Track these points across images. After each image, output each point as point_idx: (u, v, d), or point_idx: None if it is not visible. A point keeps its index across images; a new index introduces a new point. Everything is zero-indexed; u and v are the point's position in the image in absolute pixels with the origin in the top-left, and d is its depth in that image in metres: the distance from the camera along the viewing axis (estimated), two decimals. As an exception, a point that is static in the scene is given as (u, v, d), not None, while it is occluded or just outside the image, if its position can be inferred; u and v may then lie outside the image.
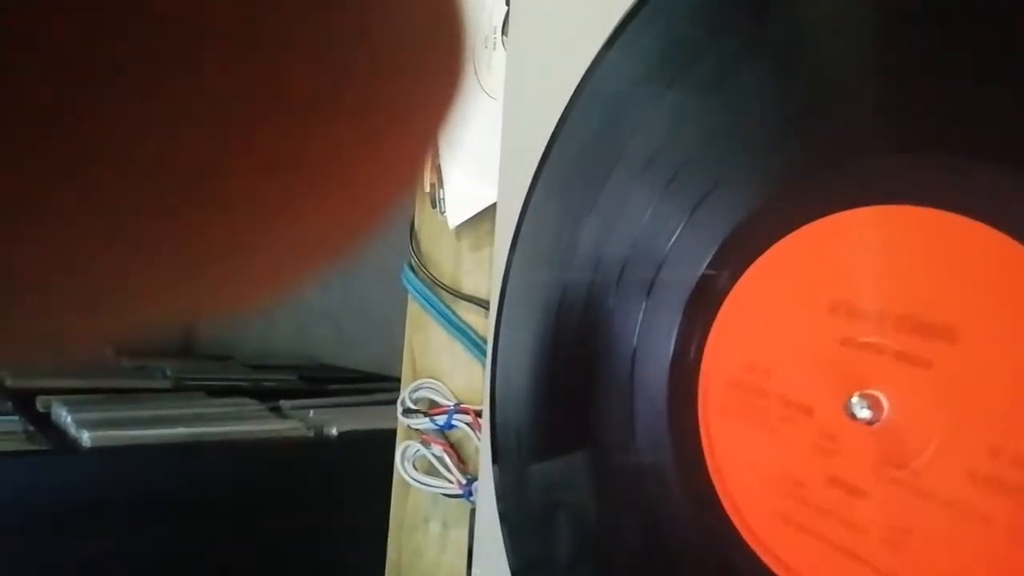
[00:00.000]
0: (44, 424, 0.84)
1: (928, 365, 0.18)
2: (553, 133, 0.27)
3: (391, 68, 0.07)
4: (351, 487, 0.80)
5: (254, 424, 0.94)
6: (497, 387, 0.29)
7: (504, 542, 0.28)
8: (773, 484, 0.21)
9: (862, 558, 0.19)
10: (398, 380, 0.45)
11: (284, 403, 1.02)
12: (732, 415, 0.22)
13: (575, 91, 0.27)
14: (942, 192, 0.18)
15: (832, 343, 0.19)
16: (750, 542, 0.21)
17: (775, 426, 0.21)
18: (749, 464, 0.21)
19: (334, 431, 0.94)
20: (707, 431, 0.22)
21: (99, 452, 0.79)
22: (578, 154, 0.27)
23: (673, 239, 0.23)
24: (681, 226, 0.23)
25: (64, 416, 0.84)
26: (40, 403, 0.90)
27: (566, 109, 0.27)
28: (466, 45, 0.08)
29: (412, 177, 0.09)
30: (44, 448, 0.78)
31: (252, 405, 1.01)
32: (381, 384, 1.16)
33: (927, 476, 0.18)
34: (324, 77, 0.07)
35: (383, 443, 0.46)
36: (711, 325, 0.22)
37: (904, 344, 0.18)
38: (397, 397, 0.44)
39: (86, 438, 0.79)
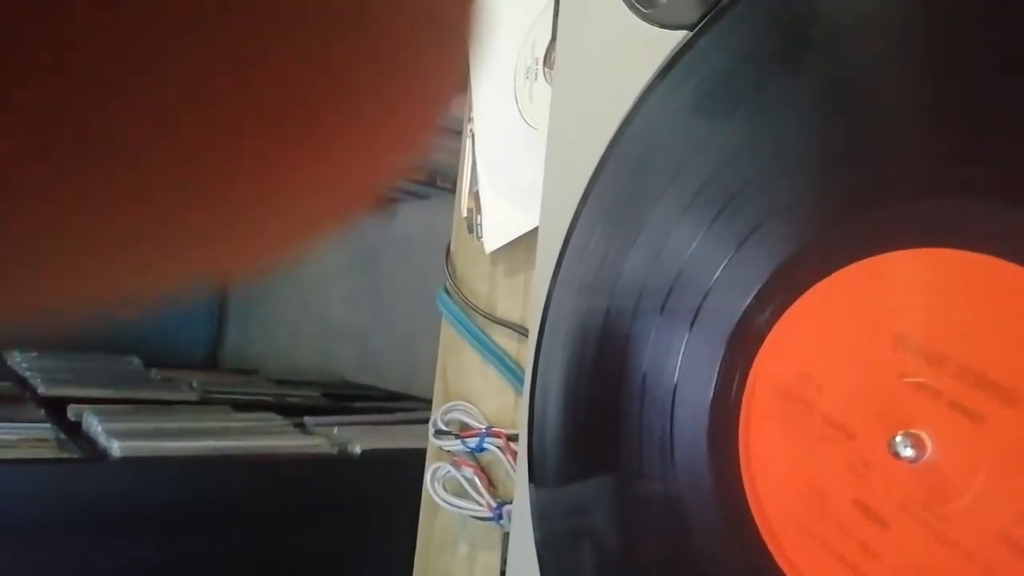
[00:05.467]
0: (75, 433, 0.86)
1: (981, 420, 0.18)
2: (598, 164, 0.28)
3: (413, 11, 0.07)
4: (373, 505, 0.80)
5: (279, 439, 0.94)
6: (535, 412, 0.29)
7: (539, 567, 0.28)
8: (797, 490, 0.21)
9: None
10: (420, 399, 0.45)
11: (308, 419, 1.03)
12: (773, 418, 0.22)
13: (622, 123, 0.27)
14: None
15: (890, 375, 0.19)
16: (772, 550, 0.21)
17: (813, 441, 0.21)
18: (778, 465, 0.22)
19: (357, 449, 0.94)
20: (746, 449, 0.22)
21: (128, 462, 0.80)
22: (624, 185, 0.27)
23: (719, 272, 0.23)
24: (727, 259, 0.23)
25: (95, 425, 0.85)
26: (72, 412, 0.91)
27: (612, 140, 0.28)
28: None
29: (437, 117, 0.09)
30: (75, 456, 0.79)
31: (277, 420, 1.02)
32: (403, 403, 1.17)
33: (955, 524, 0.18)
34: (351, 25, 0.07)
35: (406, 462, 0.46)
36: (754, 357, 0.22)
37: (963, 395, 0.18)
38: (419, 416, 0.44)
39: (116, 448, 0.80)
